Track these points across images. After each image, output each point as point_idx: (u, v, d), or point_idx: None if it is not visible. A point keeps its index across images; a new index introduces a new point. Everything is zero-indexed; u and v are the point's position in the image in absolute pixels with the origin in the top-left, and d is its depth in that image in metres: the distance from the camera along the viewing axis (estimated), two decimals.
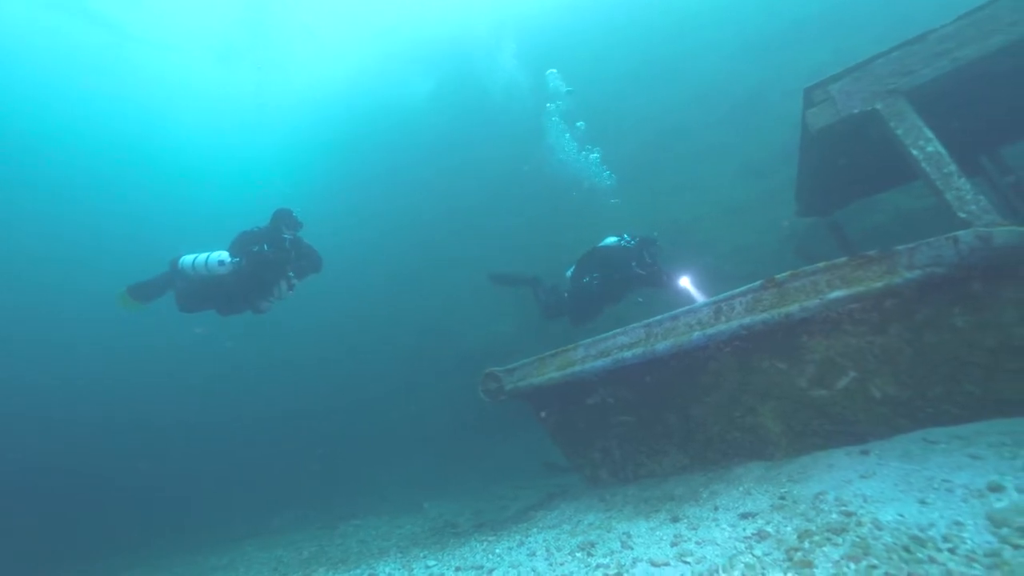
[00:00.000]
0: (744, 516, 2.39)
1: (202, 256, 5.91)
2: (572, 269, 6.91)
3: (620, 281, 6.43)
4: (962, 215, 2.76)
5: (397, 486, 9.66)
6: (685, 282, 6.26)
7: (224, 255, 5.82)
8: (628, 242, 6.51)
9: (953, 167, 2.86)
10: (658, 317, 3.24)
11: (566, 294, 6.86)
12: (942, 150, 2.92)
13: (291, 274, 6.08)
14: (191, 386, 18.30)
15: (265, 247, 5.75)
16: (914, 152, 2.98)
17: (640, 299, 6.80)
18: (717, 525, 2.39)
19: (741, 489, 2.68)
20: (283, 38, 24.23)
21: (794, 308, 2.80)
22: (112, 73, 22.81)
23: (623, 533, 2.61)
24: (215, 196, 25.19)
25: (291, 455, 14.26)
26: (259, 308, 6.17)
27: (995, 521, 1.98)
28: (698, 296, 6.00)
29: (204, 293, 6.08)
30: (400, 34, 22.79)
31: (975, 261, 2.52)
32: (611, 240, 6.72)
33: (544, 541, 2.89)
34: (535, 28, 18.88)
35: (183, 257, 6.09)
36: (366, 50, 23.76)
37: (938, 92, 3.12)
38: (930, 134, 2.97)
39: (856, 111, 3.19)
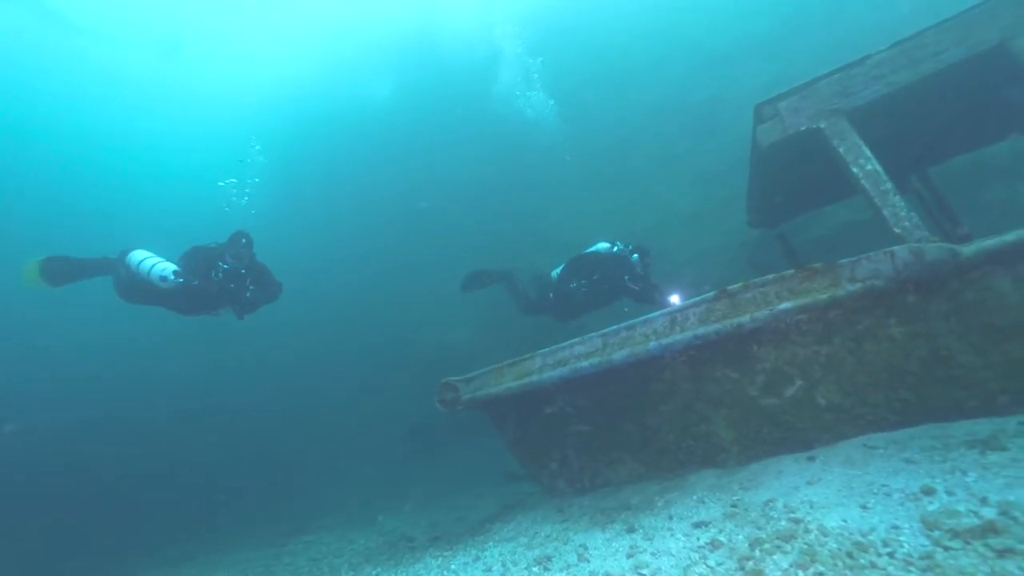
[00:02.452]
0: (698, 525, 2.42)
1: (148, 262, 5.57)
2: (559, 270, 6.65)
3: (608, 291, 6.24)
4: (897, 230, 2.92)
5: (351, 497, 9.36)
6: (676, 300, 5.90)
7: (169, 271, 5.48)
8: (621, 250, 6.28)
9: (889, 185, 3.02)
10: (614, 327, 3.26)
11: (551, 295, 6.62)
12: (879, 168, 3.08)
13: (233, 308, 5.79)
14: (131, 388, 17.23)
15: (195, 282, 5.45)
16: (854, 169, 3.13)
17: (626, 309, 6.52)
18: (672, 535, 2.41)
19: (695, 497, 2.72)
20: (235, 32, 23.29)
21: (745, 319, 2.87)
22: (54, 62, 21.29)
23: (579, 545, 2.60)
24: (164, 193, 23.88)
25: (240, 465, 13.61)
26: (214, 314, 5.91)
27: (928, 524, 2.08)
28: None
29: (145, 296, 5.79)
30: (362, 31, 22.34)
31: (910, 275, 2.65)
32: (603, 246, 6.49)
33: (500, 555, 2.83)
34: (494, 35, 18.95)
35: (135, 251, 5.73)
36: (326, 47, 23.15)
37: (875, 113, 3.30)
38: (869, 153, 3.13)
39: (802, 128, 3.33)
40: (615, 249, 6.31)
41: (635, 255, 6.28)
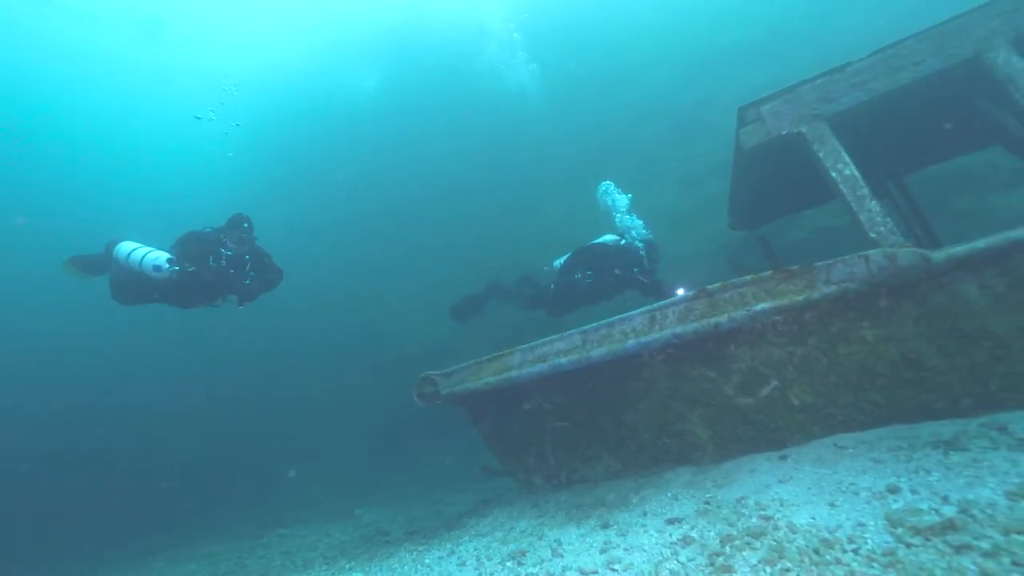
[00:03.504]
0: (671, 522, 2.44)
1: (139, 252, 5.24)
2: (562, 260, 6.46)
3: (613, 283, 6.08)
4: (872, 235, 2.98)
5: (328, 492, 9.28)
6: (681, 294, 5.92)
7: (163, 259, 5.15)
8: (630, 243, 6.14)
9: (866, 190, 3.08)
10: (594, 324, 3.28)
11: (552, 286, 6.43)
12: (857, 174, 3.13)
13: (234, 297, 5.46)
14: (106, 383, 16.81)
15: (191, 269, 5.10)
16: (833, 174, 3.18)
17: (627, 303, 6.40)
18: (645, 531, 2.43)
19: (669, 495, 2.75)
20: (219, 15, 22.76)
21: (723, 319, 2.91)
22: (26, 37, 20.51)
23: (554, 540, 2.60)
24: (140, 178, 23.27)
25: (220, 458, 13.38)
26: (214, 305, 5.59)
27: (892, 521, 2.13)
28: None
29: (140, 291, 5.44)
30: (350, 20, 22.00)
31: (883, 278, 2.71)
32: (610, 238, 6.33)
33: (475, 550, 2.83)
34: (486, 33, 18.83)
35: (121, 243, 5.39)
36: (311, 36, 22.76)
37: (855, 119, 3.35)
38: (847, 158, 3.18)
39: (784, 132, 3.37)
40: (623, 242, 6.20)
41: (642, 249, 6.18)
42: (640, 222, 6.54)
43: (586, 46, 16.73)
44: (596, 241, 6.38)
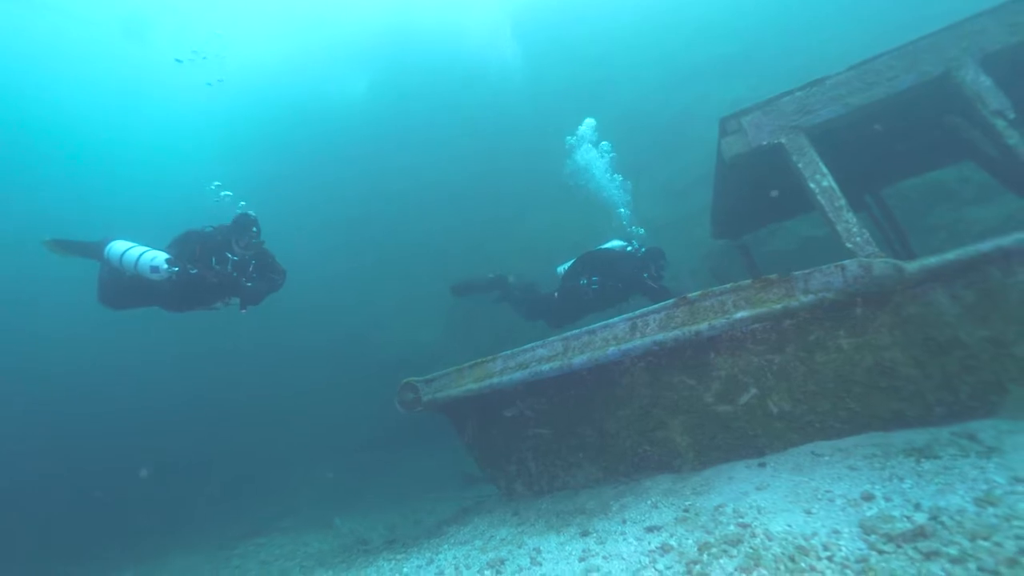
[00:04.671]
0: (650, 529, 2.44)
1: (134, 252, 4.88)
2: (566, 266, 6.28)
3: (621, 289, 5.92)
4: (849, 245, 3.03)
5: (308, 500, 9.12)
6: None
7: (161, 259, 4.81)
8: (637, 250, 6.03)
9: (843, 201, 3.14)
10: (576, 331, 3.28)
11: (556, 293, 6.22)
12: (835, 185, 3.20)
13: (235, 300, 5.11)
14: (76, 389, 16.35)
15: (193, 270, 4.76)
16: (811, 185, 3.24)
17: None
18: (624, 539, 2.42)
19: (649, 502, 2.75)
20: (205, 14, 22.53)
21: (703, 326, 2.93)
22: (9, 36, 20.05)
23: (533, 548, 2.59)
24: (122, 181, 22.80)
25: (195, 467, 13.07)
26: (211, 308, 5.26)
27: (866, 528, 2.15)
28: None
29: (133, 294, 5.11)
30: (335, 24, 21.93)
31: (858, 288, 2.76)
32: (616, 244, 6.21)
33: (454, 559, 2.80)
34: (473, 44, 18.91)
35: (113, 243, 5.02)
36: (298, 39, 22.63)
37: (833, 132, 3.43)
38: (825, 170, 3.25)
39: (764, 143, 3.43)
40: (629, 248, 6.07)
41: (650, 255, 6.07)
42: (642, 230, 6.53)
43: (572, 55, 16.90)
44: (602, 247, 6.28)
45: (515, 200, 14.33)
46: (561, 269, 6.35)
